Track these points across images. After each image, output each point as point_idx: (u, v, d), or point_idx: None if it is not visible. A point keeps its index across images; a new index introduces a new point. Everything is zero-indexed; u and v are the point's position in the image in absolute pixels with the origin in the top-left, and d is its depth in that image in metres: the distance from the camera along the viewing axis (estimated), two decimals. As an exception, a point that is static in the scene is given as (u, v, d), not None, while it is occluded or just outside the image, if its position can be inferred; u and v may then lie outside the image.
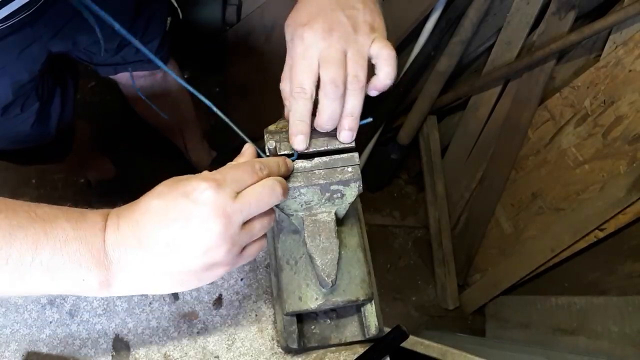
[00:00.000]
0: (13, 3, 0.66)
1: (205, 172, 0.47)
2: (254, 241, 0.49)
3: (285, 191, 0.50)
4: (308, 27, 0.51)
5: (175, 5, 1.04)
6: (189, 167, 1.68)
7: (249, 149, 0.54)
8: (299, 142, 0.54)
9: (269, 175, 0.49)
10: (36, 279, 0.43)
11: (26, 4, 0.69)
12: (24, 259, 0.42)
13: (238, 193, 0.46)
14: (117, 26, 0.62)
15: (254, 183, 0.48)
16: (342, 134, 0.54)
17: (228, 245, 0.45)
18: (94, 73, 1.08)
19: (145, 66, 1.06)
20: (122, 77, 1.12)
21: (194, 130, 1.56)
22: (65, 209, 0.45)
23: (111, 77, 1.11)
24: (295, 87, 0.52)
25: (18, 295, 0.44)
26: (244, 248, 0.48)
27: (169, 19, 1.02)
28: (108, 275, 0.45)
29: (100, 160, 1.67)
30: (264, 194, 0.47)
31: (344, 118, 0.53)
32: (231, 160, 0.53)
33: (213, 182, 0.45)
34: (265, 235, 0.52)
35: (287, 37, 0.54)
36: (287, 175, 0.53)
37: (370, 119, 0.56)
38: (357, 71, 0.51)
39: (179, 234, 0.44)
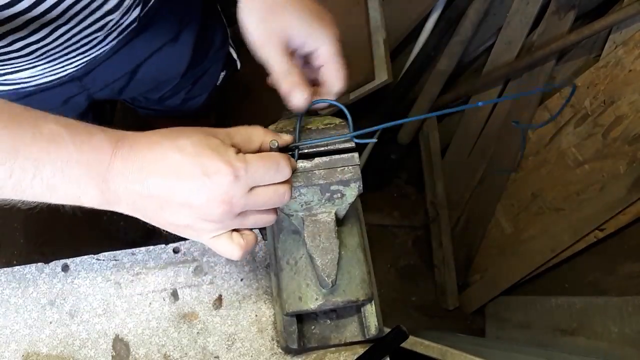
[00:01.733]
0: (61, 67, 0.66)
1: (232, 155, 0.46)
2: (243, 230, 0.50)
3: (290, 196, 0.50)
4: None
5: (235, 57, 0.98)
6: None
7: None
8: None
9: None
10: (36, 193, 0.44)
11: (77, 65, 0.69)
12: (26, 174, 0.42)
13: (252, 188, 0.47)
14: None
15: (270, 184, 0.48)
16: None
17: (217, 225, 0.47)
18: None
19: (187, 116, 1.02)
20: None
21: None
22: (73, 126, 0.45)
23: None
24: None
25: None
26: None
27: (222, 73, 0.96)
28: (103, 199, 0.46)
29: None
30: (273, 199, 0.48)
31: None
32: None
33: (234, 171, 0.45)
34: (253, 232, 0.51)
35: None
36: None
37: (375, 140, 0.57)
38: None
39: (181, 197, 0.44)
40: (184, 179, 0.44)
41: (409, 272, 1.85)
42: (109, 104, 1.00)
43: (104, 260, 0.67)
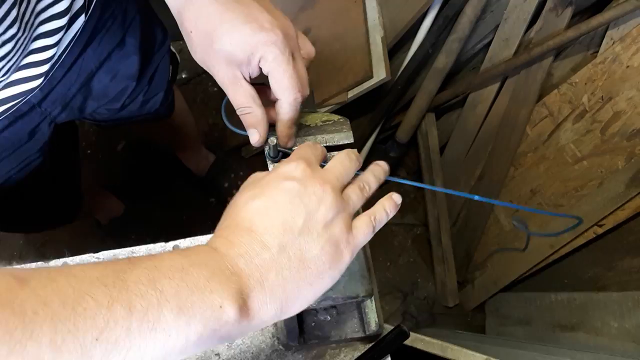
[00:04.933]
0: (18, 86, 0.65)
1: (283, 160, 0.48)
2: (360, 216, 0.48)
3: (360, 160, 0.52)
4: None
5: (173, 50, 1.00)
6: (190, 182, 1.68)
7: None
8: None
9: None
10: (172, 325, 0.35)
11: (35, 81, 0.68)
12: (151, 311, 0.34)
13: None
14: None
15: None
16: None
17: (339, 208, 0.45)
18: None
19: (150, 119, 1.02)
20: None
21: (194, 144, 1.55)
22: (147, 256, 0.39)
23: None
24: None
25: None
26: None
27: (170, 67, 0.98)
28: (243, 292, 0.38)
29: (107, 198, 1.62)
30: (345, 160, 0.49)
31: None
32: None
33: (301, 160, 0.46)
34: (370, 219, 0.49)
35: None
36: None
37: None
38: None
39: (295, 213, 0.42)
40: (280, 201, 0.43)
41: (408, 270, 1.86)
42: (70, 127, 0.99)
43: (103, 259, 0.68)
